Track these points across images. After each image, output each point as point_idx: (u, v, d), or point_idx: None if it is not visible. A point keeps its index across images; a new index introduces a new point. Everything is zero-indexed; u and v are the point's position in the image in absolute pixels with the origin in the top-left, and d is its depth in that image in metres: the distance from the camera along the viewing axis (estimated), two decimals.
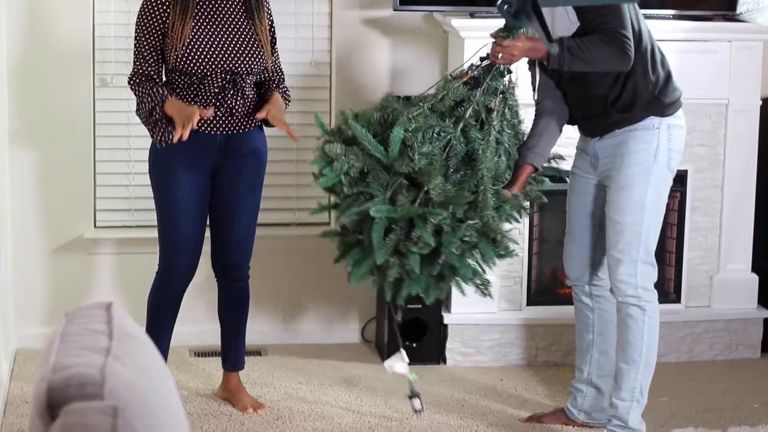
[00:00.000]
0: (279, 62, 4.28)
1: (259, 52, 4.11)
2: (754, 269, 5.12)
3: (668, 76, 3.99)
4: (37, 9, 4.76)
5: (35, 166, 4.86)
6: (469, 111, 3.80)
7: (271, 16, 4.22)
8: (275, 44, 4.25)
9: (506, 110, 3.87)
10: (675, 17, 4.97)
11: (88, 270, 4.96)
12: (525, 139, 3.97)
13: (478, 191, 3.76)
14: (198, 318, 4.86)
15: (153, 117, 4.01)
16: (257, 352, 4.98)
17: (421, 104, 3.84)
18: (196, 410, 4.36)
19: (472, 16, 4.78)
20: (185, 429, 1.75)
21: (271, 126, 4.21)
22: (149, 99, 4.01)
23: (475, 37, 4.75)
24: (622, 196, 3.95)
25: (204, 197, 4.16)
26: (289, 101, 4.30)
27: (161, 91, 4.01)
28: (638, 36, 3.88)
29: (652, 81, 3.92)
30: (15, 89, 4.77)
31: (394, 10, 4.81)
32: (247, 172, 4.19)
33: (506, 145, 3.87)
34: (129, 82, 4.09)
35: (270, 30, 4.21)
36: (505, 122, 3.86)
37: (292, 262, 5.10)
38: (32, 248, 4.91)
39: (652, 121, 3.94)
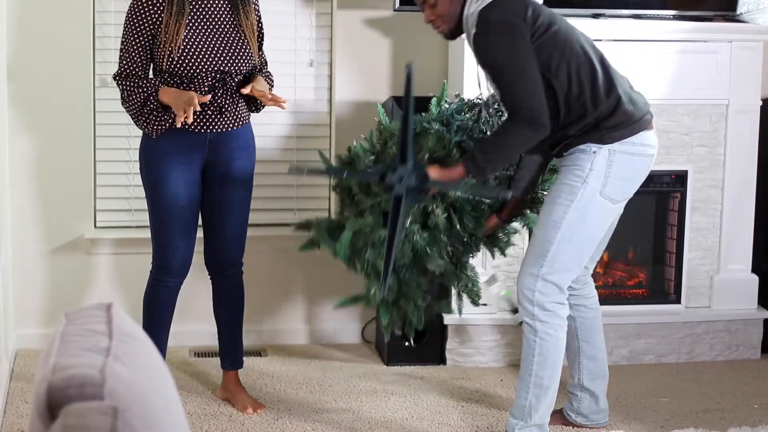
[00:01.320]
0: (265, 59, 4.28)
1: (248, 51, 4.11)
2: (754, 270, 5.12)
3: (617, 104, 3.81)
4: (37, 9, 4.76)
5: (35, 167, 4.86)
6: (409, 220, 3.92)
7: (258, 13, 4.22)
8: (262, 42, 4.24)
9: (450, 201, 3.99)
10: (675, 18, 4.98)
11: (88, 270, 4.96)
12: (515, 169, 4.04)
13: (435, 278, 4.04)
14: (198, 318, 4.86)
15: (147, 107, 4.02)
16: (257, 353, 4.98)
17: (374, 198, 3.98)
18: (196, 410, 4.36)
19: None
20: (185, 429, 1.74)
21: (257, 109, 4.20)
22: (140, 90, 4.02)
23: None
24: (544, 210, 3.88)
25: (196, 194, 4.17)
26: (272, 86, 4.28)
27: (153, 81, 4.03)
28: (566, 87, 3.76)
29: (593, 117, 3.79)
30: (15, 89, 4.77)
31: (395, 10, 4.81)
32: (237, 168, 4.20)
33: (455, 231, 4.01)
34: (115, 78, 4.09)
35: (258, 27, 4.20)
36: (453, 208, 4.00)
37: (292, 262, 5.10)
38: (32, 248, 4.91)
39: (590, 146, 3.81)
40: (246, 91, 4.07)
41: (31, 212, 4.89)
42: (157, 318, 4.27)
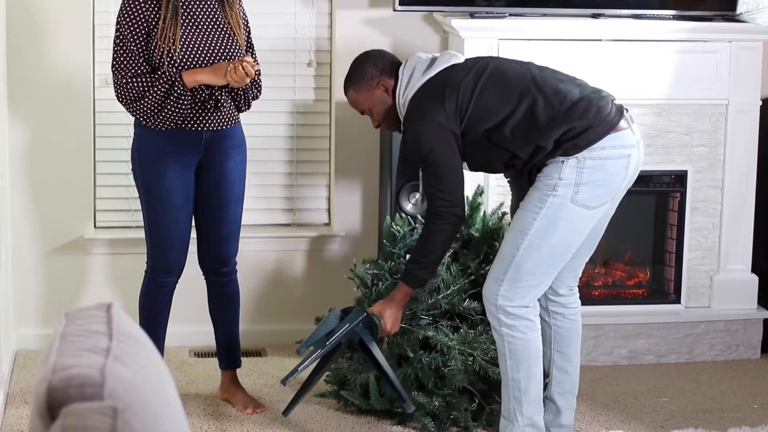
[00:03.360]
0: (257, 61, 4.25)
1: (238, 46, 4.11)
2: (754, 270, 5.12)
3: (567, 120, 3.74)
4: (36, 9, 4.76)
5: (35, 167, 4.86)
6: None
7: (246, 16, 4.22)
8: (252, 45, 4.24)
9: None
10: (675, 17, 4.97)
11: (88, 270, 4.96)
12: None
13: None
14: (197, 318, 4.85)
15: (172, 96, 3.97)
16: (257, 353, 4.97)
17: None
18: (196, 411, 4.36)
19: (472, 16, 4.78)
20: (185, 429, 1.74)
21: (244, 106, 4.20)
22: (161, 82, 3.97)
23: (475, 37, 4.75)
24: (516, 216, 3.86)
25: (190, 194, 4.17)
26: (258, 94, 4.24)
27: (170, 71, 3.98)
28: (510, 138, 3.76)
29: (548, 143, 3.75)
30: (14, 89, 4.77)
31: (394, 10, 4.81)
32: (232, 166, 4.21)
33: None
34: (122, 84, 4.00)
35: (245, 30, 4.20)
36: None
37: (292, 262, 5.10)
38: (32, 249, 4.91)
39: (558, 158, 3.77)
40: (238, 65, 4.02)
41: (31, 212, 4.89)
42: (153, 319, 4.27)
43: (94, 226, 4.98)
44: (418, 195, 4.21)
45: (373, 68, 3.99)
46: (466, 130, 3.80)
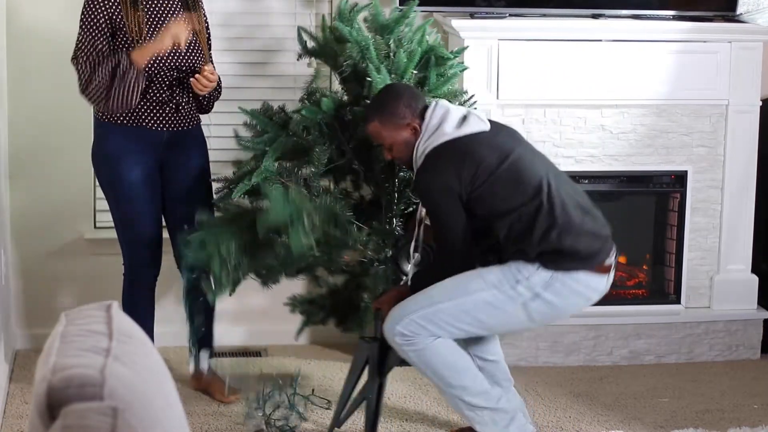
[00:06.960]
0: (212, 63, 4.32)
1: (200, 50, 4.19)
2: (754, 270, 5.12)
3: (559, 243, 3.71)
4: (37, 8, 4.76)
5: (35, 166, 4.86)
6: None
7: (206, 17, 4.29)
8: (210, 44, 4.32)
9: None
10: (675, 18, 4.98)
11: (87, 270, 4.96)
12: None
13: None
14: None
15: (120, 73, 3.99)
16: (257, 353, 4.98)
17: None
18: (196, 410, 4.36)
19: (472, 16, 4.78)
20: (185, 429, 1.75)
21: (206, 109, 4.30)
22: (106, 62, 4.00)
23: (475, 37, 4.75)
24: (470, 273, 3.81)
25: (157, 190, 4.24)
26: (219, 93, 4.32)
27: (119, 54, 4.02)
28: (506, 230, 3.74)
29: (533, 252, 3.72)
30: (15, 88, 4.77)
31: None
32: (195, 164, 4.29)
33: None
34: (79, 70, 4.05)
35: (206, 30, 4.27)
36: None
37: None
38: (32, 248, 4.91)
39: (537, 263, 3.73)
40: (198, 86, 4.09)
41: (31, 212, 4.88)
42: (136, 317, 4.24)
43: (94, 226, 4.99)
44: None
45: (407, 108, 3.88)
46: (469, 204, 3.77)
